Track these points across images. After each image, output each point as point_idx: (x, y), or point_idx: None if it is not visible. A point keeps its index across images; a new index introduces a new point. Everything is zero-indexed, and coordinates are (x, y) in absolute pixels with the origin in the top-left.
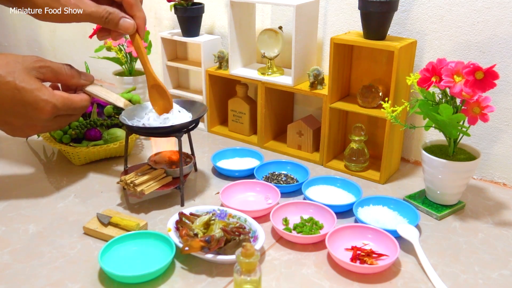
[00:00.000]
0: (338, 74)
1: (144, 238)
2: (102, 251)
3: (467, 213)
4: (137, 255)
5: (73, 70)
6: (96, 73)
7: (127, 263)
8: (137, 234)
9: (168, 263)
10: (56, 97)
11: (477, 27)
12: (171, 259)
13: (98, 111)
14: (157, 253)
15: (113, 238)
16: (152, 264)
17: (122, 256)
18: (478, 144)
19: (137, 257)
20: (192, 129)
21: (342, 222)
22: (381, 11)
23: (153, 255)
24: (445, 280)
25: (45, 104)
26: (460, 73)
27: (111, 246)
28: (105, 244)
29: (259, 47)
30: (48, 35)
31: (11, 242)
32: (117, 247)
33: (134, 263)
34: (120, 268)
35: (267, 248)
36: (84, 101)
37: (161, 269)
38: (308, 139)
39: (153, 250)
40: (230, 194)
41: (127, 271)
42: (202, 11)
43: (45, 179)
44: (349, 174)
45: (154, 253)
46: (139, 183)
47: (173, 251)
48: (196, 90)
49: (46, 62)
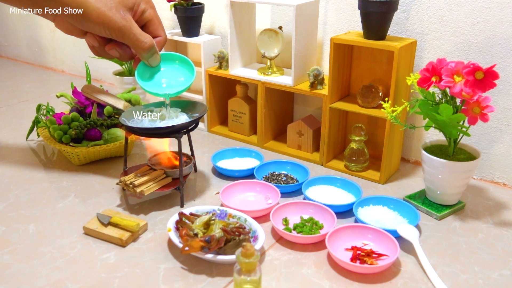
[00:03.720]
0: (338, 74)
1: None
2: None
3: (467, 213)
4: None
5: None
6: (96, 73)
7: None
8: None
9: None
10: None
11: (477, 27)
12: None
13: (98, 111)
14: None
15: None
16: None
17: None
18: (478, 144)
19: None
20: (192, 130)
21: (342, 222)
22: (381, 11)
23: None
24: (445, 280)
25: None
26: (460, 73)
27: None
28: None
29: (259, 47)
30: (48, 35)
31: (11, 242)
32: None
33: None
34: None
35: (267, 248)
36: (143, 42)
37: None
38: (308, 139)
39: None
40: (230, 194)
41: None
42: (202, 11)
43: (45, 179)
44: (349, 174)
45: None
46: (138, 184)
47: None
48: (196, 90)
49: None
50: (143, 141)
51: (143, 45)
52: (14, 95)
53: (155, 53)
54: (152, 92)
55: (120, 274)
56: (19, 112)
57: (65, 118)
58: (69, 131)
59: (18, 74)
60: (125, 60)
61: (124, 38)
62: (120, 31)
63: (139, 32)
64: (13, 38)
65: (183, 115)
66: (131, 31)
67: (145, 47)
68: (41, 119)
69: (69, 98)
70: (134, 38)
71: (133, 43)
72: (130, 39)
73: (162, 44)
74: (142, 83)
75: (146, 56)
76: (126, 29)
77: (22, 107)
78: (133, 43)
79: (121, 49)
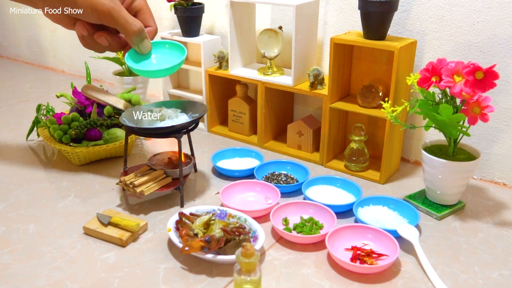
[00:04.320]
0: (338, 74)
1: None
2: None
3: (467, 213)
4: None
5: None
6: (96, 73)
7: None
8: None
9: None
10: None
11: (477, 27)
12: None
13: (98, 111)
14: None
15: None
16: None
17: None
18: (478, 144)
19: None
20: (192, 130)
21: (342, 222)
22: (381, 11)
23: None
24: (445, 280)
25: None
26: (460, 73)
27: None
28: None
29: (259, 47)
30: (48, 35)
31: (11, 242)
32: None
33: None
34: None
35: (267, 248)
36: (132, 25)
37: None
38: (308, 139)
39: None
40: (230, 194)
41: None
42: (202, 11)
43: (45, 179)
44: (349, 174)
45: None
46: (138, 184)
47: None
48: (196, 90)
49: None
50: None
51: (133, 28)
52: (14, 95)
53: (145, 39)
54: (143, 70)
55: (120, 274)
56: (19, 112)
57: (65, 118)
58: (69, 131)
59: (18, 74)
60: (115, 49)
61: (113, 22)
62: (109, 13)
63: (128, 16)
64: (13, 38)
65: (183, 115)
66: (120, 13)
67: (135, 29)
68: (41, 119)
69: (69, 98)
70: (124, 21)
71: (122, 26)
72: (119, 22)
73: (152, 34)
74: (132, 64)
75: (136, 41)
76: (115, 11)
77: (22, 107)
78: (122, 26)
79: (110, 37)
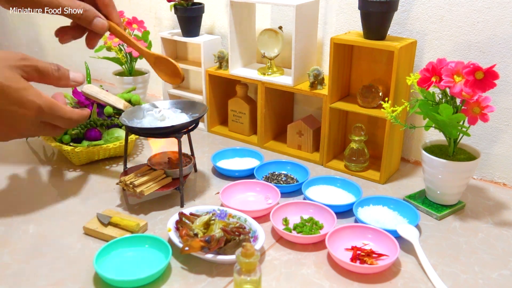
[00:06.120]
0: (338, 74)
1: (140, 241)
2: (98, 254)
3: (467, 213)
4: (133, 260)
5: (61, 71)
6: (96, 73)
7: (123, 267)
8: (133, 238)
9: (163, 268)
10: (43, 99)
11: (477, 27)
12: (166, 264)
13: (98, 111)
14: (153, 257)
15: (108, 242)
16: (148, 268)
17: (118, 261)
18: (478, 144)
19: (133, 261)
20: (192, 130)
21: (342, 222)
22: (381, 11)
23: (150, 259)
24: (445, 280)
25: (31, 105)
26: (460, 73)
27: (106, 250)
28: (101, 248)
29: (259, 47)
30: (48, 35)
31: (11, 242)
32: (113, 253)
33: (130, 267)
34: (116, 273)
35: (267, 248)
36: (76, 114)
37: (154, 274)
38: (308, 139)
39: (149, 254)
40: (230, 194)
41: (123, 275)
42: (202, 11)
43: (45, 179)
44: (349, 174)
45: (151, 257)
46: (138, 184)
47: (168, 256)
48: (196, 90)
49: (32, 60)
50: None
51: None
52: None
53: (97, 17)
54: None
55: None
56: None
57: None
58: (69, 131)
59: None
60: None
61: None
62: None
63: None
64: (13, 38)
65: (183, 115)
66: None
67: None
68: None
69: (69, 98)
70: None
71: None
72: None
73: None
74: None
75: None
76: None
77: None
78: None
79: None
